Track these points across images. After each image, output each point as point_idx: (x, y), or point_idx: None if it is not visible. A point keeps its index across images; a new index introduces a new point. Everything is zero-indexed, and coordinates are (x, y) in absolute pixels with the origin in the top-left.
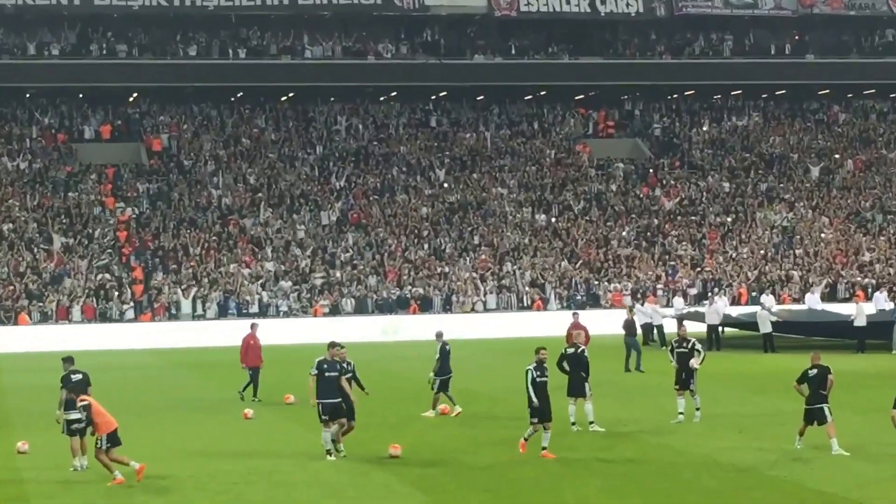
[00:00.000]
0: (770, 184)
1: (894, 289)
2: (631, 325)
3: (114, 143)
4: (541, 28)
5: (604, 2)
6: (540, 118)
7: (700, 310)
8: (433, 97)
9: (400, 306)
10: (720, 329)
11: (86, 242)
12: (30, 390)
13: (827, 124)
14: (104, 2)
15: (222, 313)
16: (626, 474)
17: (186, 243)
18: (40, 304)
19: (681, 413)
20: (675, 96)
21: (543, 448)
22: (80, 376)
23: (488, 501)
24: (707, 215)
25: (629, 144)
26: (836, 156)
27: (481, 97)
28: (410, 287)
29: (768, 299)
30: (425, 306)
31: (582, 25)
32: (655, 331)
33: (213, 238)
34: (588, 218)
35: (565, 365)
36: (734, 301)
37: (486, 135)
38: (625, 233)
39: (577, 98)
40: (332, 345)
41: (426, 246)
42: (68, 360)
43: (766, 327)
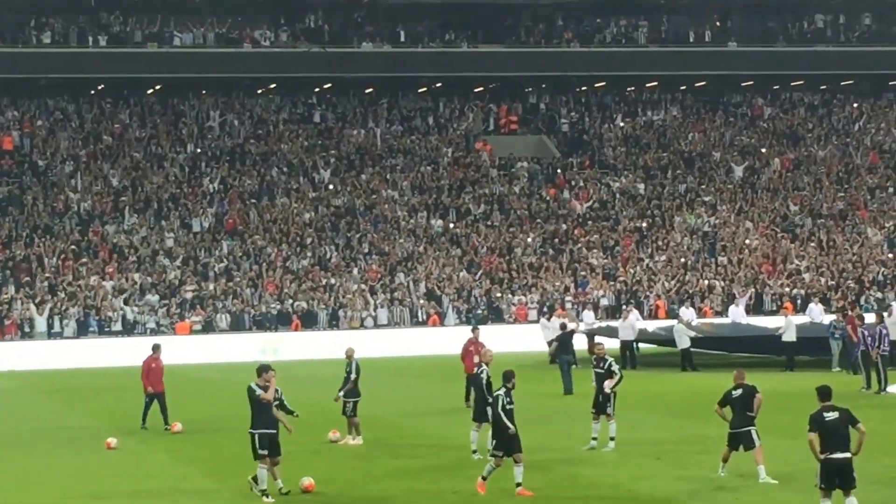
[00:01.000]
0: (689, 185)
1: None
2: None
3: None
4: (435, 13)
5: None
6: (435, 113)
7: (613, 324)
8: (316, 90)
9: (280, 322)
10: (635, 345)
11: None
12: None
13: (751, 119)
14: None
15: (82, 331)
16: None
17: (41, 253)
18: None
19: (594, 439)
20: (584, 88)
21: (518, 484)
22: None
23: None
24: (620, 220)
25: (534, 142)
26: (762, 153)
27: (370, 90)
28: (292, 301)
29: (687, 312)
30: (309, 322)
31: (481, 10)
32: None
33: (72, 247)
34: (489, 223)
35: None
36: (650, 314)
37: (376, 131)
38: (530, 239)
39: (476, 90)
40: (265, 368)
41: (310, 255)
42: None
43: (684, 343)
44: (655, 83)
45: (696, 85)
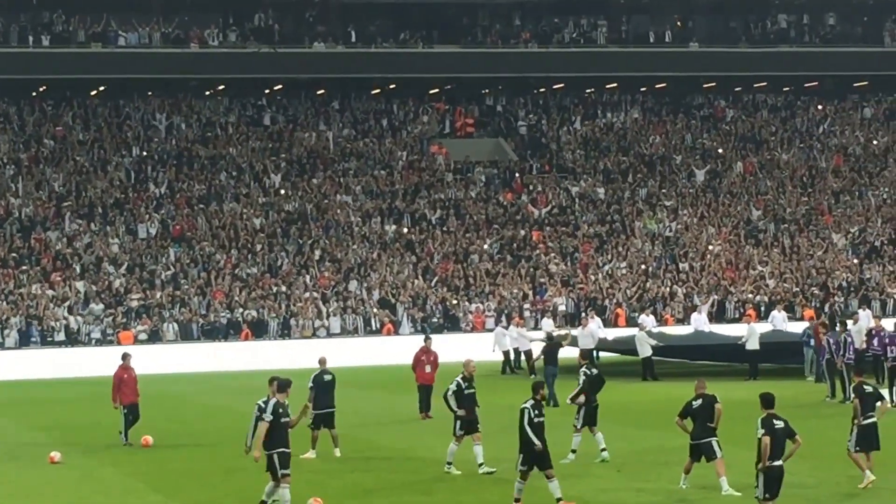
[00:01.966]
0: (650, 189)
1: (798, 305)
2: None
3: None
4: (389, 12)
5: None
6: (389, 115)
7: (573, 332)
8: (267, 91)
9: (230, 331)
10: (595, 354)
11: None
12: None
13: (713, 122)
14: None
15: (23, 342)
16: None
17: None
18: None
19: (573, 451)
20: (542, 90)
21: (559, 500)
22: None
23: None
24: (580, 225)
25: (491, 145)
26: (724, 156)
27: (322, 91)
28: (242, 309)
29: (647, 320)
30: (259, 331)
31: (436, 9)
32: (522, 357)
33: (12, 255)
34: (445, 229)
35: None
36: (610, 322)
37: (328, 134)
38: (487, 246)
39: (431, 92)
40: (287, 384)
41: (260, 262)
42: None
43: (645, 351)
44: (615, 84)
45: (657, 86)
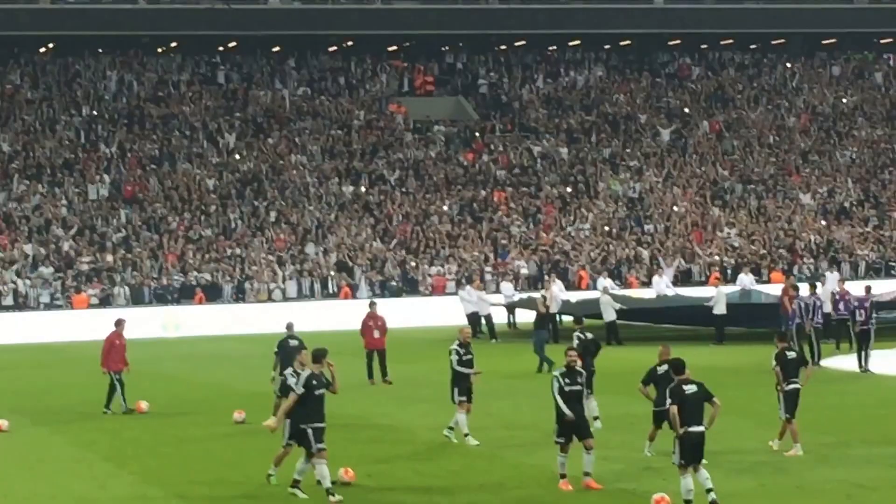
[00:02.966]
0: (614, 149)
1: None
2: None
3: None
4: None
5: None
6: (347, 73)
7: (534, 296)
8: (221, 49)
9: (183, 295)
10: (558, 317)
11: None
12: None
13: (679, 80)
14: None
15: None
16: (445, 489)
17: None
18: None
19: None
20: (503, 48)
21: (586, 474)
22: None
23: None
24: (542, 186)
25: (451, 104)
26: (690, 115)
27: (277, 48)
28: (195, 273)
29: (607, 282)
30: (213, 295)
31: None
32: (483, 321)
33: None
34: (404, 190)
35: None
36: (574, 285)
37: (284, 93)
38: (447, 207)
39: (389, 49)
40: (323, 353)
41: (213, 224)
42: None
43: (609, 315)
44: (578, 42)
45: (621, 44)
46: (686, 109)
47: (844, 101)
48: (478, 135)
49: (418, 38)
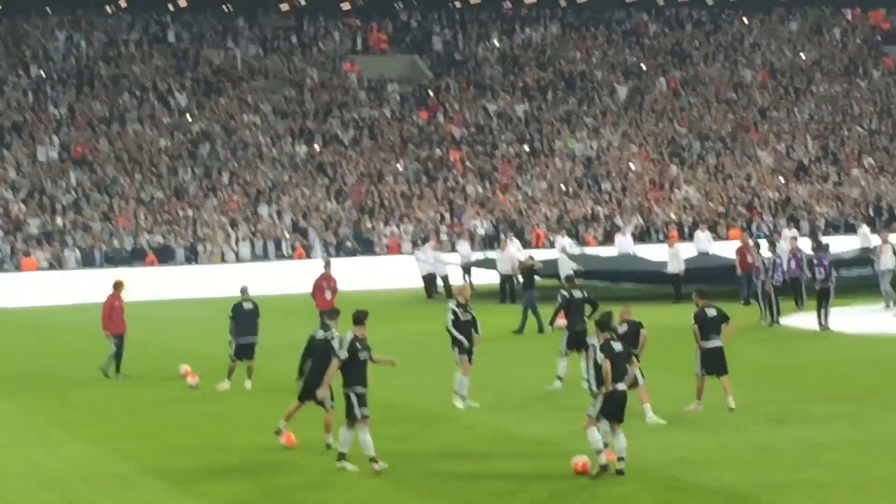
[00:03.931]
0: (571, 107)
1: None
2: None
3: None
4: None
5: None
6: (299, 32)
7: (491, 255)
8: (171, 7)
9: (135, 258)
10: (515, 278)
11: None
12: None
13: (635, 36)
14: None
15: None
16: (409, 453)
17: None
18: None
19: (559, 378)
20: (458, 5)
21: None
22: None
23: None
24: (498, 145)
25: (405, 62)
26: (647, 72)
27: (228, 7)
28: (147, 235)
29: (565, 241)
30: (165, 257)
31: None
32: (440, 282)
33: None
34: (358, 149)
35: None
36: (530, 245)
37: (235, 52)
38: (401, 166)
39: (342, 7)
40: (364, 315)
41: (165, 185)
42: None
43: (566, 272)
44: None
45: (578, 0)
46: (643, 66)
47: (802, 56)
48: (432, 94)
49: None
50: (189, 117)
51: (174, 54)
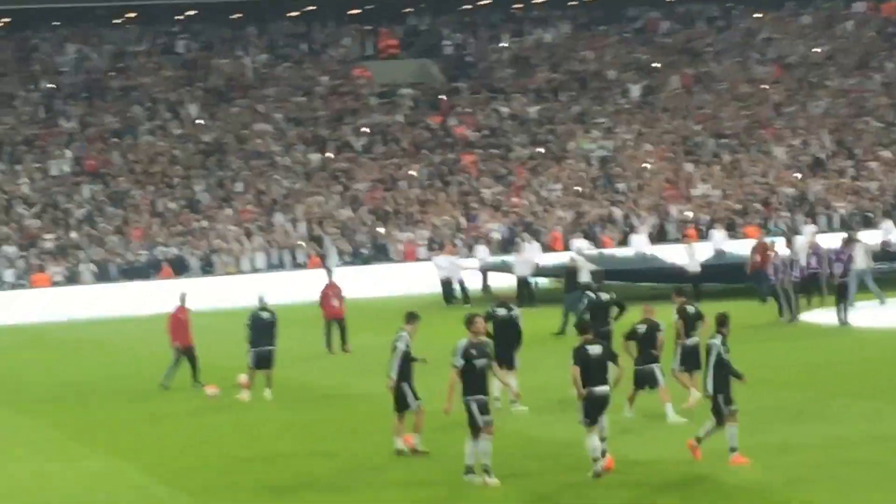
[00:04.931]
0: (583, 107)
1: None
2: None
3: None
4: None
5: None
6: (309, 39)
7: (508, 259)
8: (179, 18)
9: (150, 270)
10: (533, 282)
11: None
12: None
13: (647, 34)
14: None
15: None
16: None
17: None
18: None
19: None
20: (467, 7)
21: (733, 450)
22: None
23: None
24: (512, 147)
25: (416, 67)
26: (659, 70)
27: (238, 15)
28: (162, 247)
29: (581, 243)
30: (180, 269)
31: None
32: (458, 287)
33: None
34: (371, 156)
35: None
36: (548, 247)
37: (246, 61)
38: (415, 172)
39: (351, 13)
40: (476, 319)
41: (178, 197)
42: None
43: (585, 277)
44: None
45: None
46: (655, 64)
47: (815, 50)
48: (444, 97)
49: (380, 0)
50: (200, 127)
51: (184, 64)
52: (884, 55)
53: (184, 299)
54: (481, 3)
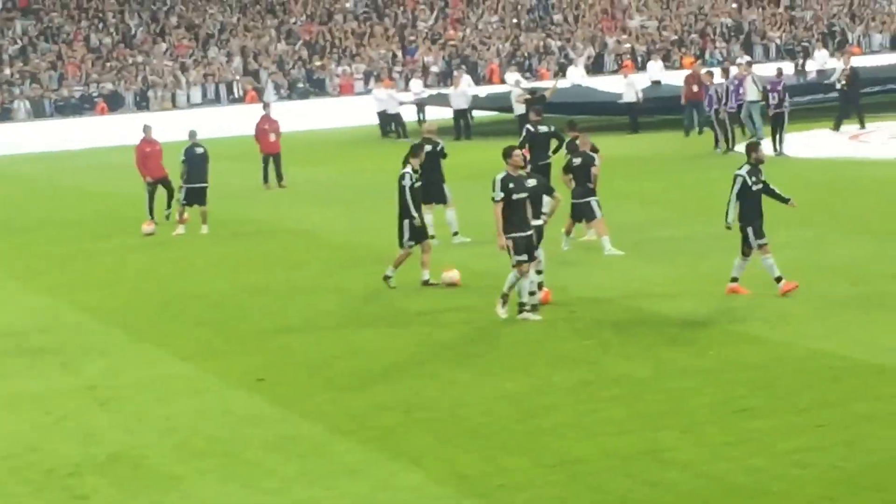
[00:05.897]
0: None
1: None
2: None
3: None
4: None
5: None
6: None
7: (444, 92)
8: None
9: (85, 106)
10: (469, 114)
11: None
12: None
13: None
14: None
15: None
16: (370, 292)
17: None
18: None
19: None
20: None
21: (779, 279)
22: None
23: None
24: None
25: None
26: None
27: None
28: (97, 83)
29: (513, 76)
30: (115, 105)
31: None
32: (393, 121)
33: None
34: None
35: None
36: (483, 80)
37: None
38: (350, 4)
39: None
40: (515, 151)
41: (113, 31)
42: None
43: (520, 109)
44: None
45: None
46: None
47: None
48: None
49: None
50: None
51: None
52: None
53: (148, 132)
54: None
